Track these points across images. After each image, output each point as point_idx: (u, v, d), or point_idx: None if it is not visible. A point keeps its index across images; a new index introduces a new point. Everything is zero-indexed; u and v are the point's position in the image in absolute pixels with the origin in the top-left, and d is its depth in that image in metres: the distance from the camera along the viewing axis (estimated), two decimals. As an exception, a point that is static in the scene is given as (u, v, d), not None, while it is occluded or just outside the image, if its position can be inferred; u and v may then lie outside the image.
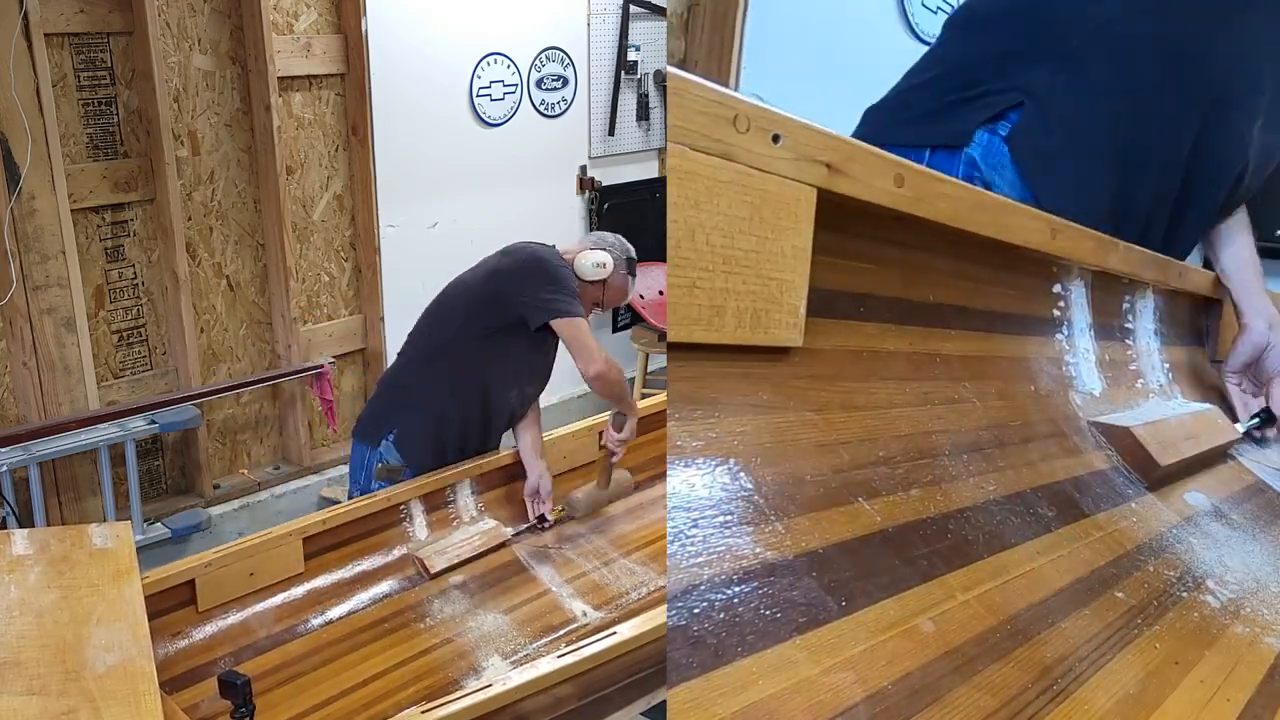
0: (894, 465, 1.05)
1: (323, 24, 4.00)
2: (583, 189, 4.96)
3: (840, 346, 1.05)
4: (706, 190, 0.87)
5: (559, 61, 4.73)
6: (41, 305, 3.43)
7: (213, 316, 3.93)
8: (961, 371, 1.20)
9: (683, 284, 0.88)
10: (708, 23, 4.84)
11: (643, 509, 3.27)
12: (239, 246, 3.94)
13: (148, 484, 3.85)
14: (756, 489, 0.95)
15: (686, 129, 0.84)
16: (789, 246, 0.92)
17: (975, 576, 1.09)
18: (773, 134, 0.89)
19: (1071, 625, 1.11)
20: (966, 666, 1.03)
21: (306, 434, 4.21)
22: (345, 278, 4.29)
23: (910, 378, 1.12)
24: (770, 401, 0.97)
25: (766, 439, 0.96)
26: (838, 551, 1.00)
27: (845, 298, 1.05)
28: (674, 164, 0.86)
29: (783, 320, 0.94)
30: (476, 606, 2.79)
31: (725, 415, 0.94)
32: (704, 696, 0.82)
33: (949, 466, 1.11)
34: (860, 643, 0.96)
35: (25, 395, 3.49)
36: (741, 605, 0.90)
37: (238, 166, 3.88)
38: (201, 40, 3.70)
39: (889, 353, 1.10)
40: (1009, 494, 1.16)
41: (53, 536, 2.32)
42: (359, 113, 4.10)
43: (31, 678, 1.88)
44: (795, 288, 0.93)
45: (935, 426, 1.11)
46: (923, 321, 1.16)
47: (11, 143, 3.25)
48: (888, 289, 1.11)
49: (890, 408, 1.08)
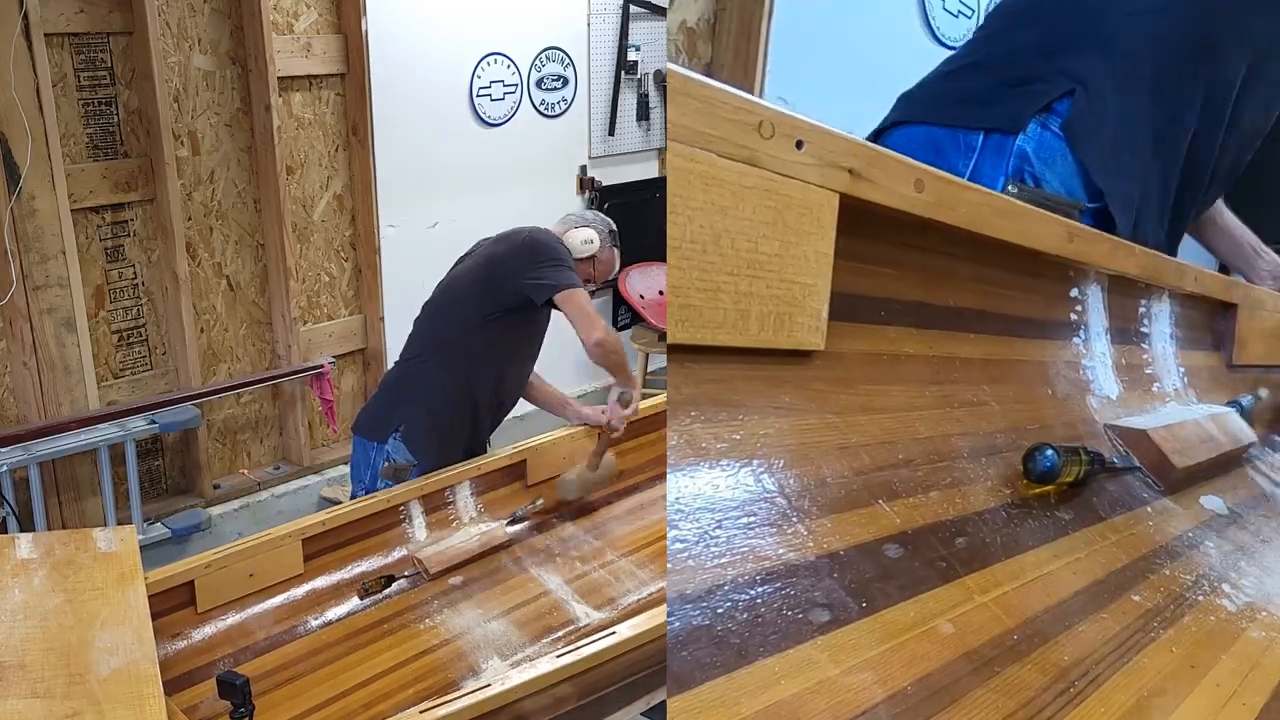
0: (914, 468, 1.06)
1: (323, 24, 3.99)
2: (583, 189, 4.96)
3: (861, 350, 1.05)
4: (731, 196, 0.87)
5: (559, 61, 4.73)
6: (41, 305, 3.42)
7: (213, 316, 3.92)
8: (980, 375, 1.20)
9: (706, 288, 0.88)
10: (734, 28, 4.86)
11: (643, 509, 3.27)
12: (239, 246, 3.94)
13: (148, 484, 3.85)
14: (779, 490, 0.95)
15: (711, 135, 0.85)
16: (812, 251, 0.93)
17: (993, 579, 1.09)
18: (796, 140, 0.89)
19: (1088, 628, 1.12)
20: (985, 668, 1.03)
21: (306, 434, 4.20)
22: (345, 278, 4.29)
23: (930, 381, 1.13)
24: (793, 404, 0.98)
25: (789, 441, 0.97)
26: (858, 553, 1.01)
27: (866, 302, 1.06)
28: (698, 169, 0.86)
29: (805, 324, 0.94)
30: (476, 607, 2.79)
31: (749, 417, 0.94)
32: (728, 695, 0.83)
33: (968, 469, 1.11)
34: (880, 644, 0.97)
35: (25, 395, 3.48)
36: (764, 605, 0.91)
37: (238, 166, 3.87)
38: (201, 40, 3.69)
39: (909, 356, 1.11)
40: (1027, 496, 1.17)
41: (57, 540, 2.32)
42: (359, 113, 4.10)
43: (36, 681, 1.88)
44: (818, 292, 0.94)
45: (954, 430, 1.12)
46: (942, 325, 1.17)
47: (11, 143, 3.24)
48: (908, 293, 1.11)
49: (910, 411, 1.08)
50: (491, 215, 4.62)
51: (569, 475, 3.07)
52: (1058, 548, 1.16)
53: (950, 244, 1.11)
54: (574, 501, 3.10)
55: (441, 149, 4.41)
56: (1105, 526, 1.24)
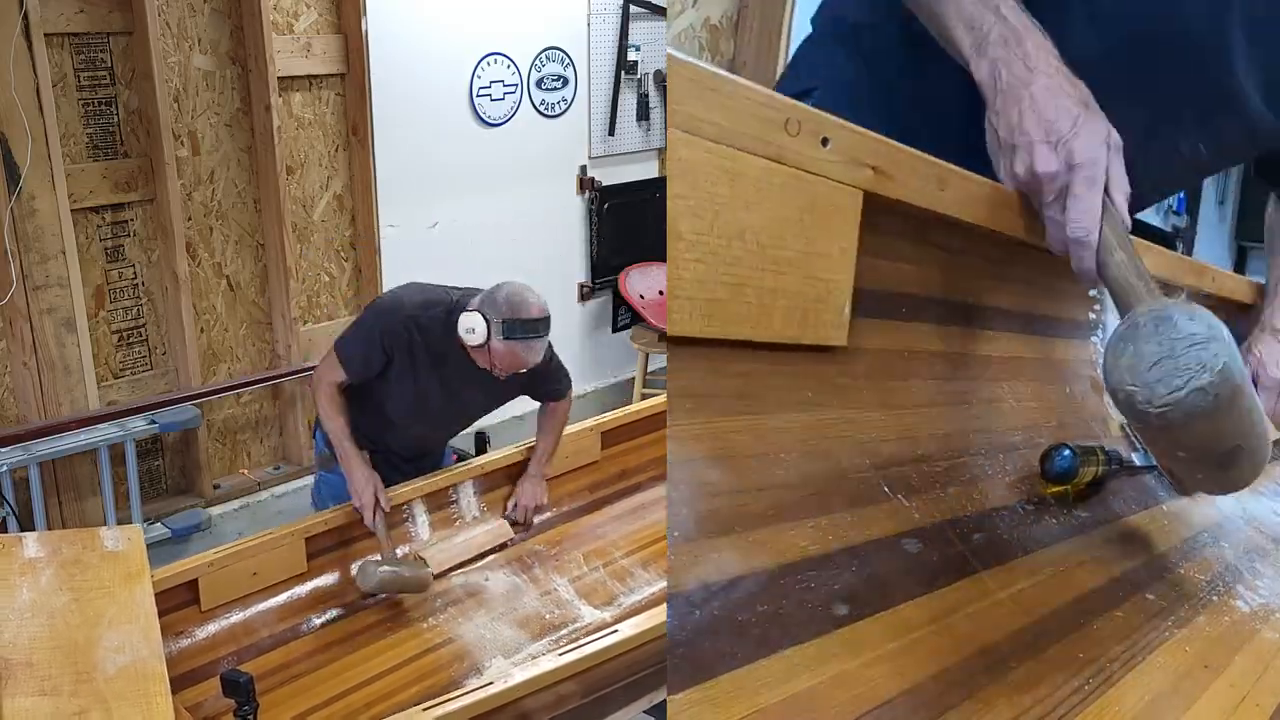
0: (932, 463, 1.06)
1: (323, 24, 3.99)
2: (583, 189, 4.96)
3: (881, 346, 1.06)
4: (757, 192, 0.88)
5: (559, 61, 4.73)
6: (41, 305, 3.41)
7: (213, 316, 3.92)
8: (999, 372, 1.21)
9: (731, 282, 0.88)
10: (756, 24, 4.86)
11: (643, 509, 3.27)
12: (239, 246, 3.93)
13: (148, 484, 3.84)
14: (802, 484, 0.95)
15: (738, 131, 0.85)
16: (836, 248, 0.93)
17: (1010, 575, 1.10)
18: (822, 137, 0.90)
19: (1104, 626, 1.12)
20: (1000, 664, 1.04)
21: (306, 434, 4.19)
22: (345, 278, 4.28)
23: (948, 377, 1.13)
24: (814, 399, 0.98)
25: (810, 435, 0.97)
26: (877, 547, 1.01)
27: (887, 298, 1.06)
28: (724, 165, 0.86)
29: (829, 320, 0.95)
30: (479, 606, 2.79)
31: (771, 411, 0.95)
32: (748, 685, 0.83)
33: (985, 466, 1.12)
34: (898, 638, 0.97)
35: (25, 395, 3.47)
36: (784, 598, 0.91)
37: (238, 166, 3.86)
38: (201, 40, 3.69)
39: (928, 353, 1.12)
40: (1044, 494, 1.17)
41: (64, 539, 2.32)
42: (359, 113, 4.09)
43: (44, 679, 1.89)
44: (841, 288, 0.94)
45: (972, 426, 1.13)
46: (961, 322, 1.18)
47: (11, 143, 3.23)
48: (929, 290, 1.12)
49: (929, 407, 1.09)
50: (491, 215, 4.64)
51: (373, 566, 2.65)
52: (1074, 545, 1.17)
53: (969, 240, 1.11)
54: (371, 594, 2.69)
55: (441, 149, 4.40)
56: (1121, 525, 1.25)
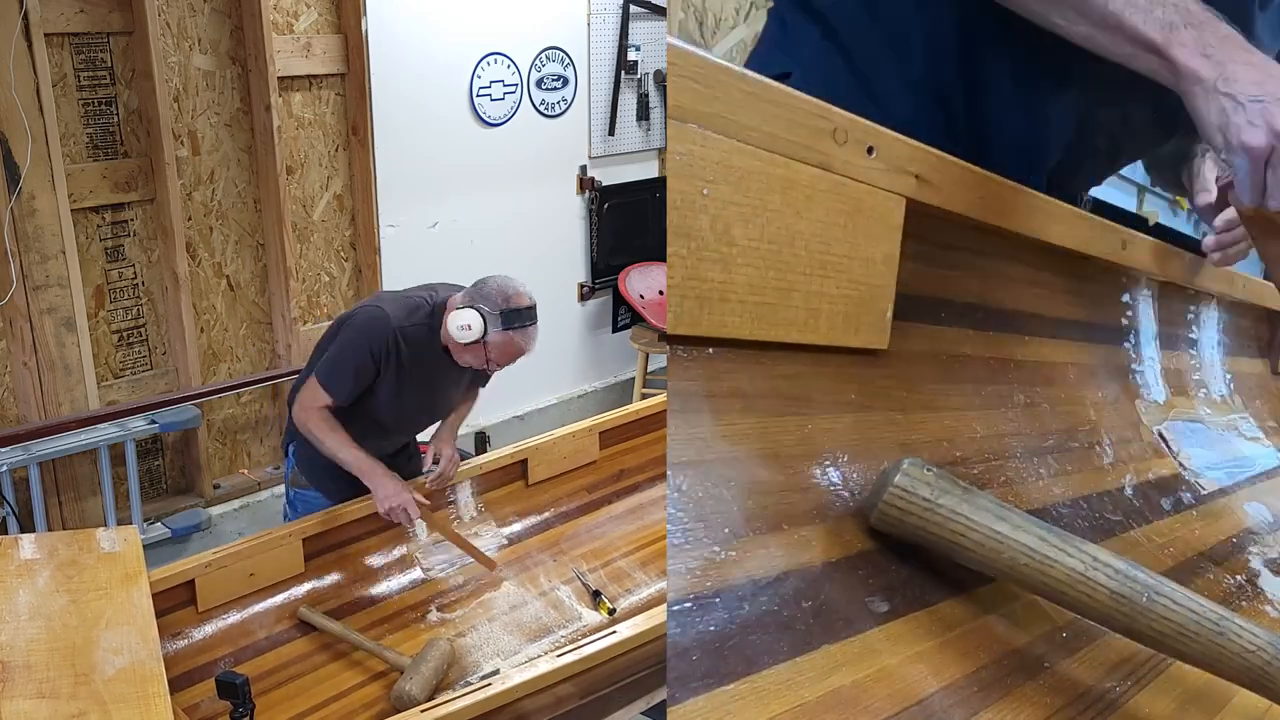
0: (969, 465, 1.07)
1: (323, 24, 3.98)
2: (583, 189, 4.96)
3: (921, 350, 1.07)
4: (806, 199, 0.89)
5: (559, 61, 4.73)
6: (41, 305, 3.40)
7: (213, 316, 3.91)
8: (1034, 376, 1.22)
9: (780, 286, 0.89)
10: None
11: (643, 509, 3.28)
12: (239, 246, 3.92)
13: (148, 484, 3.83)
14: (844, 483, 0.97)
15: (789, 140, 0.86)
16: (880, 253, 0.94)
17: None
18: (868, 145, 0.91)
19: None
20: (1034, 664, 1.05)
21: (305, 435, 4.19)
22: (345, 278, 4.28)
23: (986, 381, 1.15)
24: (858, 401, 0.99)
25: (854, 436, 0.98)
26: (916, 547, 1.02)
27: (926, 303, 1.08)
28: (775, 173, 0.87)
29: (872, 324, 0.96)
30: (477, 607, 2.79)
31: (817, 413, 0.96)
32: (793, 679, 0.84)
33: (1020, 468, 1.13)
34: (935, 636, 0.99)
35: (25, 395, 3.46)
36: (826, 595, 0.92)
37: (238, 166, 3.86)
38: (201, 40, 3.68)
39: (966, 357, 1.13)
40: (1076, 497, 1.19)
41: (61, 541, 2.31)
42: (359, 113, 4.09)
43: (42, 681, 1.88)
44: (885, 292, 0.95)
45: (1008, 429, 1.14)
46: (998, 327, 1.19)
47: (11, 143, 3.22)
48: (966, 295, 1.13)
49: (967, 410, 1.10)
50: (491, 215, 4.64)
51: (407, 686, 2.39)
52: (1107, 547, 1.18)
53: (1008, 247, 1.13)
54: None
55: (441, 149, 4.40)
56: (1152, 529, 1.27)
